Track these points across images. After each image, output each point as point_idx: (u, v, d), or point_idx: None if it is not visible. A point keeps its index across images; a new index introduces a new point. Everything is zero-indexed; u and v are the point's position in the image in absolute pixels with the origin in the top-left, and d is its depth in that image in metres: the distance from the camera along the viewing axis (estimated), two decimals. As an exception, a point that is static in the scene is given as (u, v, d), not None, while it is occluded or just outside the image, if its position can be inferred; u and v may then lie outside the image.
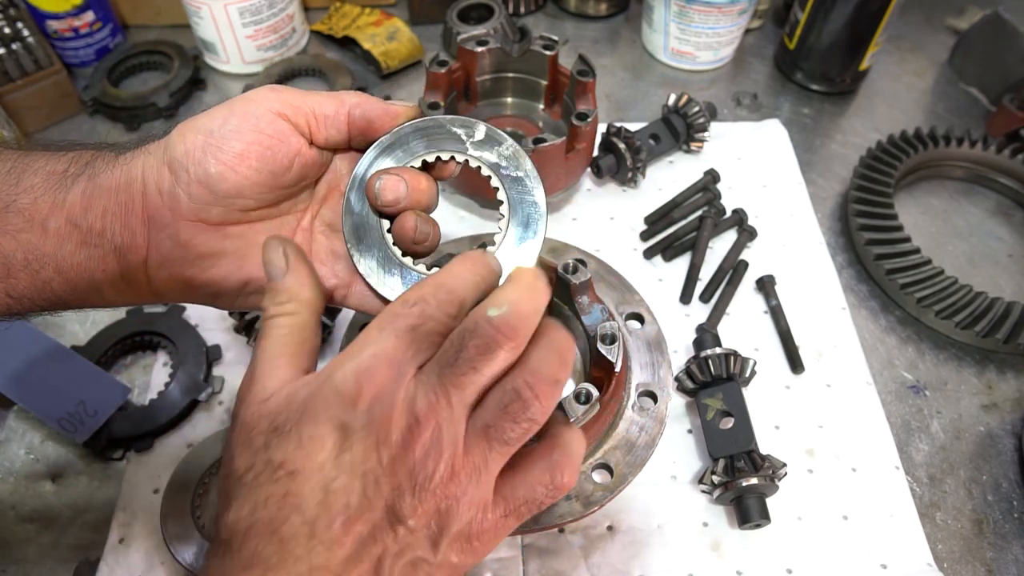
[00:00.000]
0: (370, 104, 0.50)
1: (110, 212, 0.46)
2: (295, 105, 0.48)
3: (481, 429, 0.39)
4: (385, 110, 0.50)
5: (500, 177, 0.53)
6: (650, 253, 0.92)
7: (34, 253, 0.45)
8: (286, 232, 0.52)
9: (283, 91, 0.48)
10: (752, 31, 1.25)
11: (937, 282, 0.85)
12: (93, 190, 0.46)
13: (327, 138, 0.50)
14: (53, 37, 1.10)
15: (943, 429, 0.80)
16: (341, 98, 0.50)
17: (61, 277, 0.46)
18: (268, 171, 0.47)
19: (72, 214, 0.45)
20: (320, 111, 0.49)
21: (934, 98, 1.16)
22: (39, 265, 0.45)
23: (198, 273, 0.49)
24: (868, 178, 0.95)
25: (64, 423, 0.73)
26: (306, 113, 0.48)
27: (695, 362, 0.75)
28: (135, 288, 0.49)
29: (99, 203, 0.45)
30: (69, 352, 0.78)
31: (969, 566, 0.71)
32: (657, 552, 0.70)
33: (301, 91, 0.49)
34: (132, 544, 0.70)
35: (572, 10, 1.27)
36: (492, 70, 0.95)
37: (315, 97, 0.49)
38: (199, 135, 0.46)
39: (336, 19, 1.20)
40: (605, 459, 0.64)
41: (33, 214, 0.44)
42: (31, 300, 0.46)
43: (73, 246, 0.45)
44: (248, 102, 0.47)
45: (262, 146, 0.47)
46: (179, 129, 0.48)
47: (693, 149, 1.02)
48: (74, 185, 0.45)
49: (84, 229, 0.45)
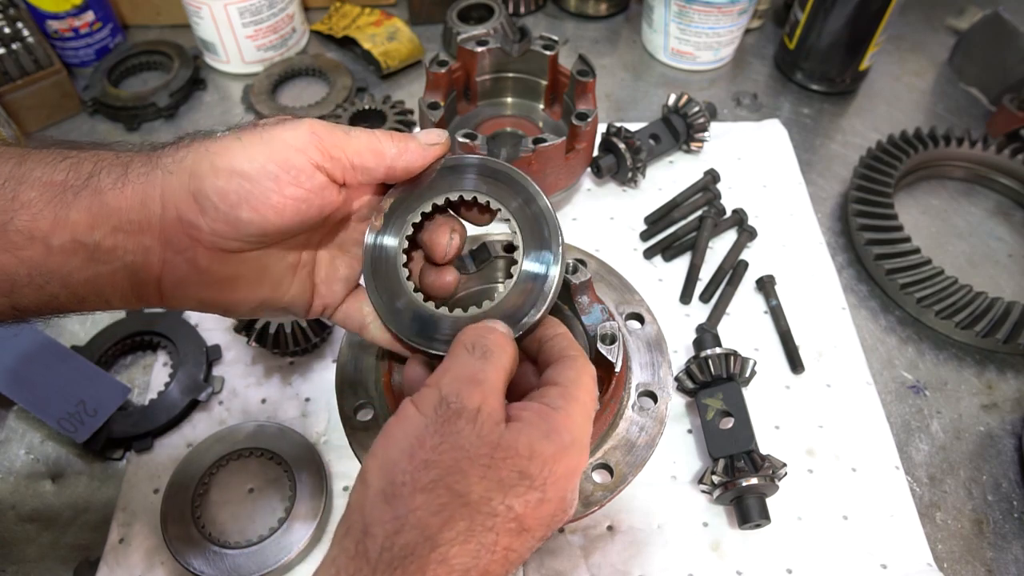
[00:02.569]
0: (411, 156, 0.50)
1: (121, 232, 0.44)
2: (335, 157, 0.47)
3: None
4: (424, 157, 0.50)
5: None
6: (650, 253, 0.92)
7: (38, 269, 0.43)
8: (295, 253, 0.52)
9: (323, 135, 0.46)
10: (752, 31, 1.25)
11: (937, 282, 0.85)
12: (100, 207, 0.43)
13: (360, 184, 0.50)
14: (53, 37, 1.10)
15: (943, 429, 0.80)
16: (381, 149, 0.49)
17: (68, 291, 0.45)
18: (300, 220, 0.47)
19: (77, 232, 0.43)
20: (360, 163, 0.48)
21: (934, 98, 1.16)
22: (44, 280, 0.44)
23: (213, 295, 0.49)
24: (868, 178, 0.95)
25: (64, 423, 0.73)
26: (344, 166, 0.47)
27: (695, 362, 0.75)
28: (145, 300, 0.48)
29: (107, 221, 0.43)
30: (69, 352, 0.78)
31: (969, 566, 0.70)
32: (657, 552, 0.70)
33: (341, 133, 0.47)
34: (132, 544, 0.70)
35: (572, 10, 1.27)
36: (492, 70, 0.95)
37: (354, 145, 0.47)
38: (234, 178, 0.44)
39: (336, 19, 1.20)
40: (605, 459, 0.63)
41: (34, 231, 0.42)
42: (37, 310, 0.46)
43: (80, 262, 0.44)
44: (288, 148, 0.45)
45: (298, 200, 0.46)
46: (209, 159, 0.44)
47: (693, 149, 1.02)
48: (76, 200, 0.43)
49: (91, 247, 0.44)
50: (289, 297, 0.53)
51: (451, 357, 0.45)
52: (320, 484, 0.71)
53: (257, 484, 0.74)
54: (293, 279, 0.52)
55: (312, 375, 0.82)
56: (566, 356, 0.48)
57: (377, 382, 0.66)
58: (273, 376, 0.82)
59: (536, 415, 0.43)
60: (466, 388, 0.42)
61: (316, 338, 0.80)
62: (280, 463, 0.74)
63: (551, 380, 0.47)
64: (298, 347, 0.80)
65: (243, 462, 0.75)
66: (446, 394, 0.42)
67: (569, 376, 0.46)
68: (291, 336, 0.78)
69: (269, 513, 0.72)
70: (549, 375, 0.47)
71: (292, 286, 0.52)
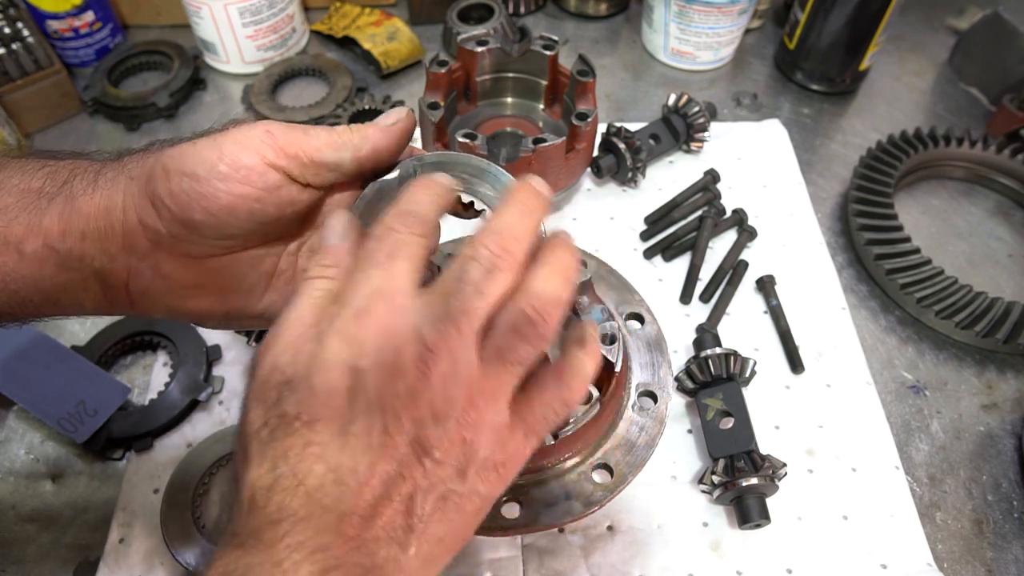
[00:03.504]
0: (374, 139, 0.47)
1: (89, 237, 0.44)
2: (291, 154, 0.45)
3: (494, 352, 0.39)
4: (388, 136, 0.48)
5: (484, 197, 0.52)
6: (650, 253, 0.93)
7: (11, 275, 0.43)
8: (272, 259, 0.51)
9: (278, 135, 0.45)
10: (752, 31, 1.25)
11: (937, 282, 0.85)
12: (71, 213, 0.44)
13: (324, 182, 0.48)
14: (53, 37, 1.10)
15: (943, 429, 0.80)
16: (340, 141, 0.47)
17: (41, 296, 0.45)
18: (256, 221, 0.46)
19: (50, 238, 0.43)
20: (320, 158, 0.46)
21: (934, 98, 1.16)
22: (17, 286, 0.44)
23: (180, 303, 0.48)
24: (868, 178, 0.95)
25: (64, 423, 0.73)
26: (303, 163, 0.46)
27: (695, 362, 0.75)
28: (119, 306, 0.48)
29: (77, 227, 0.44)
30: (69, 352, 0.78)
31: (969, 566, 0.71)
32: (657, 552, 0.70)
33: (298, 132, 0.46)
34: (132, 544, 0.70)
35: (572, 10, 1.27)
36: (492, 70, 0.95)
37: (312, 141, 0.46)
38: (184, 179, 0.43)
39: (336, 19, 1.20)
40: (605, 459, 0.64)
41: (8, 237, 0.43)
42: (11, 315, 0.46)
43: (52, 269, 0.44)
44: (239, 147, 0.44)
45: (250, 199, 0.44)
46: (162, 161, 0.44)
47: (693, 149, 1.02)
48: (50, 206, 0.44)
49: (63, 253, 0.44)
50: (263, 305, 0.51)
51: None
52: (320, 484, 0.71)
53: (257, 484, 0.74)
54: (268, 286, 0.51)
55: (312, 375, 0.82)
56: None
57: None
58: (273, 376, 0.82)
59: None
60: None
61: (316, 338, 0.80)
62: (280, 463, 0.74)
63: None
64: (298, 347, 0.80)
65: (243, 462, 0.75)
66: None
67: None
68: (291, 336, 0.78)
69: (269, 513, 0.72)
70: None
71: (266, 294, 0.51)
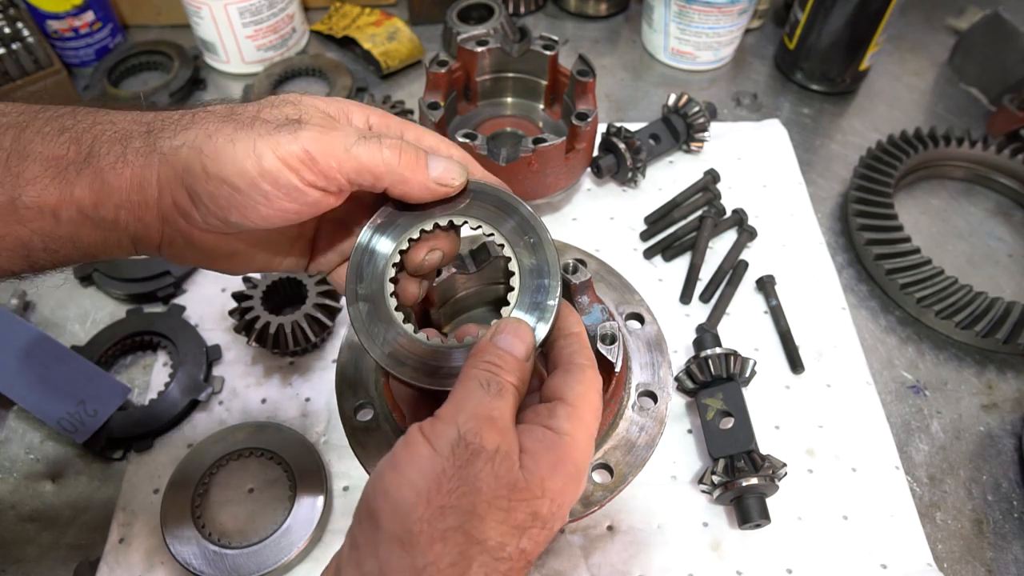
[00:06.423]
0: (410, 190, 0.49)
1: (123, 208, 0.46)
2: (330, 177, 0.46)
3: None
4: (426, 194, 0.49)
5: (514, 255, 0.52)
6: (650, 253, 0.92)
7: (50, 236, 0.46)
8: (297, 227, 0.53)
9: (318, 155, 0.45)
10: (752, 31, 1.25)
11: (937, 282, 0.85)
12: (101, 186, 0.45)
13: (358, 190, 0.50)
14: (53, 37, 1.10)
15: (943, 429, 0.80)
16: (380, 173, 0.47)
17: (80, 252, 0.48)
18: (292, 223, 0.48)
19: (83, 207, 0.46)
20: (356, 179, 0.47)
21: (934, 98, 1.16)
22: (57, 246, 0.47)
23: (211, 264, 0.52)
24: (868, 178, 0.95)
25: (64, 423, 0.73)
26: (340, 183, 0.47)
27: (695, 362, 0.75)
28: (149, 254, 0.51)
29: (110, 200, 0.46)
30: (69, 352, 0.78)
31: (969, 566, 0.71)
32: (657, 552, 0.70)
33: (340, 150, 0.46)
34: (132, 544, 0.70)
35: (572, 10, 1.27)
36: (492, 70, 0.95)
37: (352, 164, 0.46)
38: (224, 187, 0.44)
39: (336, 19, 1.20)
40: (605, 459, 0.63)
41: (42, 206, 0.45)
42: (52, 267, 0.49)
43: (88, 230, 0.47)
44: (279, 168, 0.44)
45: (288, 212, 0.46)
46: (201, 160, 0.44)
47: (693, 149, 1.02)
48: (79, 178, 0.45)
49: (97, 220, 0.46)
50: (287, 264, 0.55)
51: (464, 390, 0.44)
52: (320, 484, 0.71)
53: (257, 484, 0.74)
54: (291, 249, 0.54)
55: (312, 375, 0.82)
56: (575, 364, 0.47)
57: (377, 382, 0.66)
58: (273, 376, 0.82)
59: (543, 445, 0.43)
60: (485, 427, 0.41)
61: (316, 338, 0.80)
62: (280, 463, 0.74)
63: (558, 393, 0.46)
64: (298, 347, 0.80)
65: (243, 462, 0.75)
66: (464, 432, 0.41)
67: (577, 392, 0.45)
68: (291, 336, 0.78)
69: (269, 513, 0.72)
70: (557, 385, 0.46)
71: (288, 256, 0.55)
